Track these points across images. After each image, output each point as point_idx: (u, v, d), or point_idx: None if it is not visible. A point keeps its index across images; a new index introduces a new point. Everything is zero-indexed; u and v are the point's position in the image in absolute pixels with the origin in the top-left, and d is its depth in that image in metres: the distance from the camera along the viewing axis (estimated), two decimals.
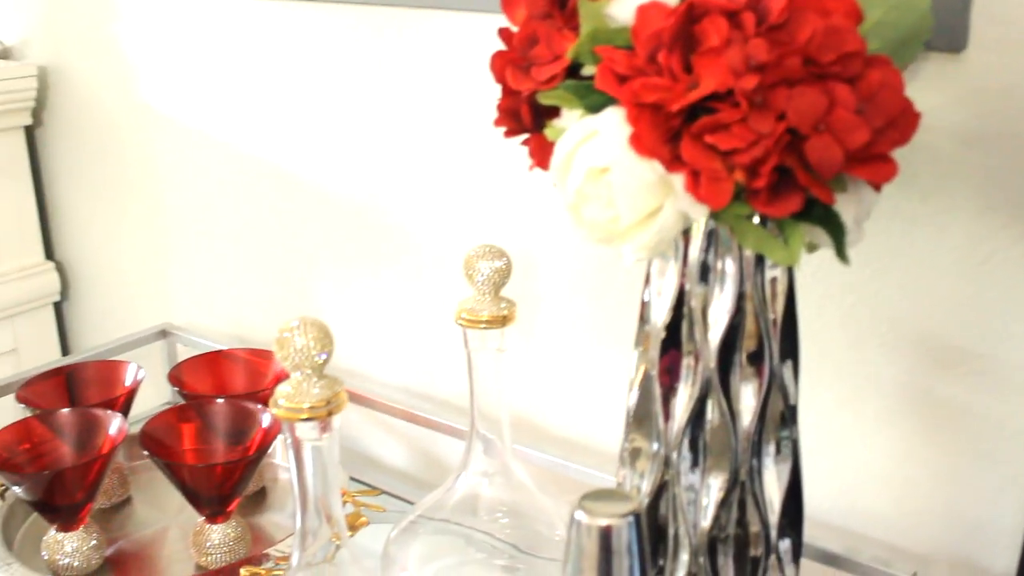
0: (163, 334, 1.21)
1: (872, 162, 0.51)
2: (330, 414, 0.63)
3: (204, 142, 1.18)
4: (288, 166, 1.11)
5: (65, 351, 1.45)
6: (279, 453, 1.06)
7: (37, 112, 1.35)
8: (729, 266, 0.58)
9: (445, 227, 0.99)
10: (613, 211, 0.53)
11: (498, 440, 0.82)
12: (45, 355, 1.36)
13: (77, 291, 1.43)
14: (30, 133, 1.37)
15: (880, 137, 0.51)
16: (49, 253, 1.42)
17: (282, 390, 0.63)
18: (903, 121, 0.51)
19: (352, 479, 1.01)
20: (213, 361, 1.04)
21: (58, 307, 1.44)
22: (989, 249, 0.70)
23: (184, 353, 1.15)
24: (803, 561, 0.75)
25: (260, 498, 1.01)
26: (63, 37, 1.31)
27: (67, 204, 1.39)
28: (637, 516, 0.52)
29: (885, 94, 0.51)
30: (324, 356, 0.63)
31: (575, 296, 0.92)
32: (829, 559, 0.76)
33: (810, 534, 0.76)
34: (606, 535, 0.52)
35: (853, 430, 0.79)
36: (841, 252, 0.53)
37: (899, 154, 0.69)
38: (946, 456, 0.76)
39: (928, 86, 0.69)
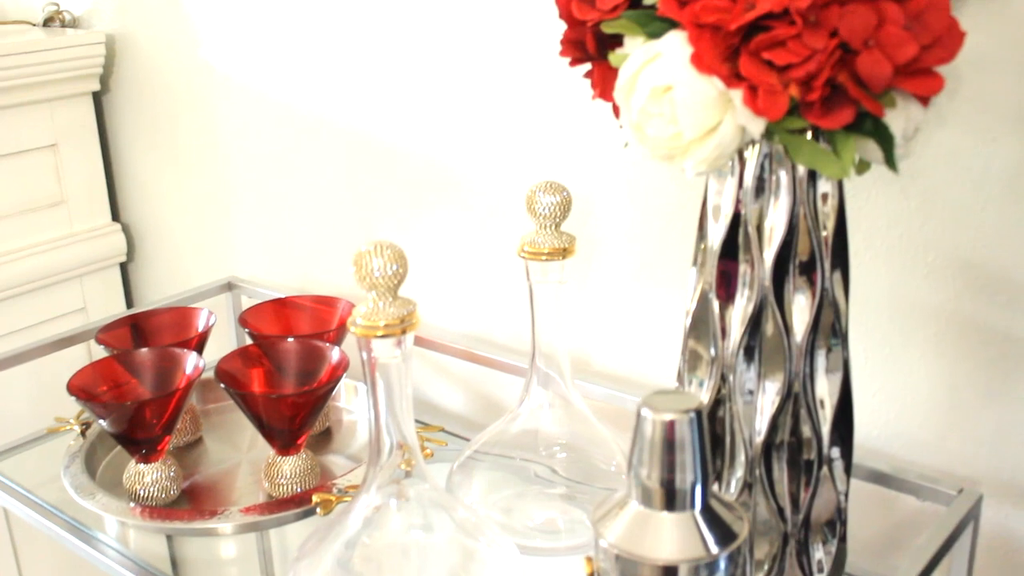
0: (228, 287, 1.26)
1: (919, 76, 0.54)
2: (404, 332, 0.68)
3: (264, 100, 1.23)
4: (346, 118, 1.15)
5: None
6: (343, 396, 1.11)
7: (104, 79, 1.41)
8: (783, 184, 0.61)
9: (504, 173, 1.03)
10: (675, 127, 0.57)
11: (557, 373, 0.86)
12: (112, 314, 1.41)
13: (142, 252, 1.49)
14: (98, 99, 1.43)
15: (927, 53, 0.54)
16: (115, 215, 1.48)
17: (359, 310, 0.68)
18: (949, 38, 0.54)
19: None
20: (279, 308, 1.08)
21: (124, 268, 1.49)
22: None
23: (249, 305, 1.20)
24: (853, 481, 0.78)
25: (326, 438, 1.06)
26: (128, 5, 1.36)
27: (133, 167, 1.45)
28: (698, 412, 0.55)
29: (932, 12, 0.54)
30: (398, 277, 0.67)
31: (632, 240, 0.95)
32: (878, 478, 0.79)
33: (859, 457, 0.80)
34: (669, 429, 0.55)
35: (901, 359, 0.82)
36: (891, 161, 0.56)
37: (944, 91, 0.73)
38: (991, 382, 0.78)
39: (970, 19, 0.72)
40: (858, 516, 0.84)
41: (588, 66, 0.66)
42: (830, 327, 0.64)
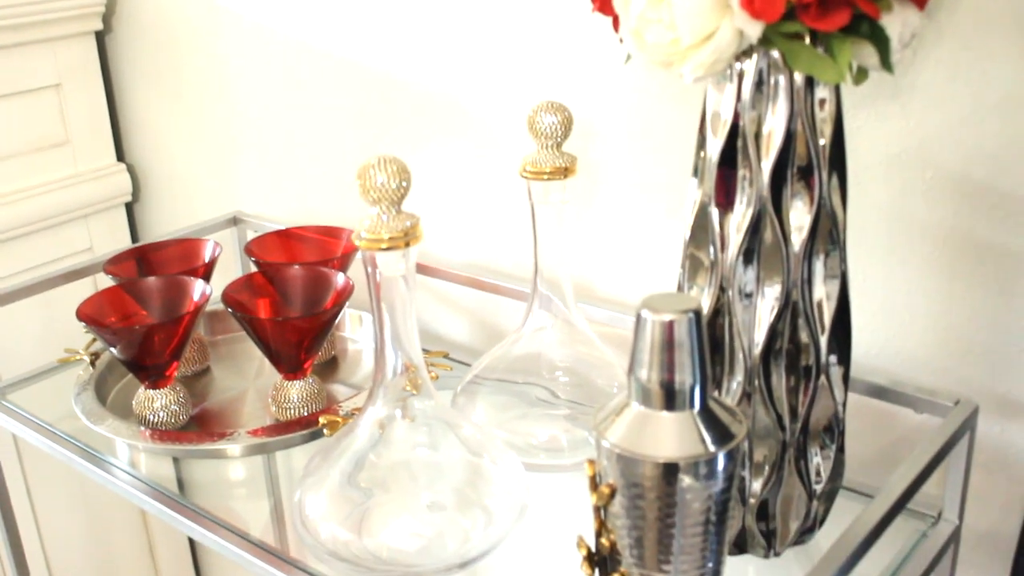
0: (234, 221, 1.27)
1: None
2: (408, 244, 0.69)
3: (267, 35, 1.23)
4: (347, 50, 1.15)
5: None
6: (348, 326, 1.12)
7: (107, 18, 1.41)
8: (781, 91, 0.62)
9: (506, 99, 1.03)
10: (674, 33, 0.58)
11: (559, 296, 0.87)
12: None
13: (147, 192, 1.49)
14: (100, 39, 1.43)
15: None
16: (120, 155, 1.48)
17: (363, 224, 0.69)
18: None
19: None
20: (284, 238, 1.10)
21: (129, 208, 1.50)
22: None
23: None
24: (852, 397, 0.80)
25: (332, 366, 1.08)
26: None
27: (137, 107, 1.45)
28: (697, 313, 0.56)
29: None
30: (402, 190, 0.68)
31: (633, 163, 0.96)
32: (876, 392, 0.80)
33: (858, 373, 0.81)
34: (669, 329, 0.56)
35: (900, 277, 0.83)
36: (887, 64, 0.57)
37: (942, 6, 0.73)
38: (988, 297, 0.79)
39: None
40: (858, 433, 0.86)
41: None
42: (828, 234, 0.65)
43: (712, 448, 0.56)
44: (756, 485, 0.70)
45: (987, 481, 0.83)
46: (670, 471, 0.56)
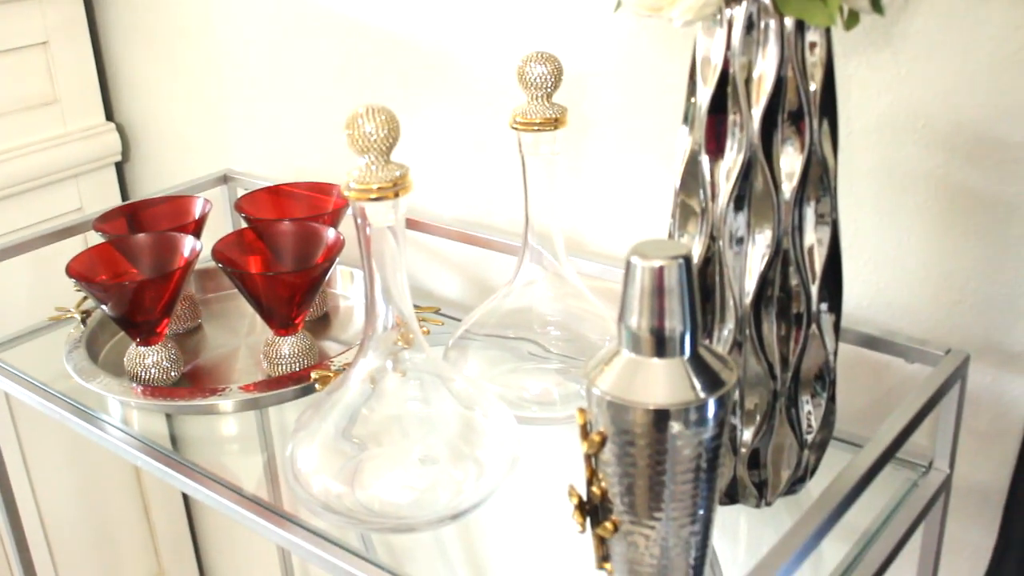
0: (224, 179, 1.26)
1: None
2: (397, 195, 0.68)
3: None
4: (338, 8, 1.14)
5: None
6: (340, 282, 1.12)
7: None
8: (771, 36, 0.61)
9: (496, 53, 1.02)
10: None
11: (550, 249, 0.87)
12: None
13: (137, 151, 1.49)
14: None
15: None
16: (109, 114, 1.47)
17: (352, 174, 0.68)
18: None
19: None
20: (275, 195, 1.09)
21: (119, 167, 1.50)
22: (1023, 38, 0.73)
23: None
24: (845, 348, 0.80)
25: (323, 323, 1.07)
26: None
27: (126, 65, 1.44)
28: (687, 259, 0.56)
29: None
30: (391, 139, 0.67)
31: (624, 116, 0.95)
32: (867, 341, 0.80)
33: (850, 324, 0.81)
34: (658, 275, 0.56)
35: (891, 227, 0.83)
36: (877, 6, 0.56)
37: None
38: (980, 246, 0.79)
39: None
40: (850, 383, 0.86)
41: None
42: (819, 181, 0.65)
43: (702, 395, 0.56)
44: (747, 434, 0.70)
45: (978, 430, 0.83)
46: (660, 418, 0.56)
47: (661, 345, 0.57)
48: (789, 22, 0.61)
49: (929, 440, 0.79)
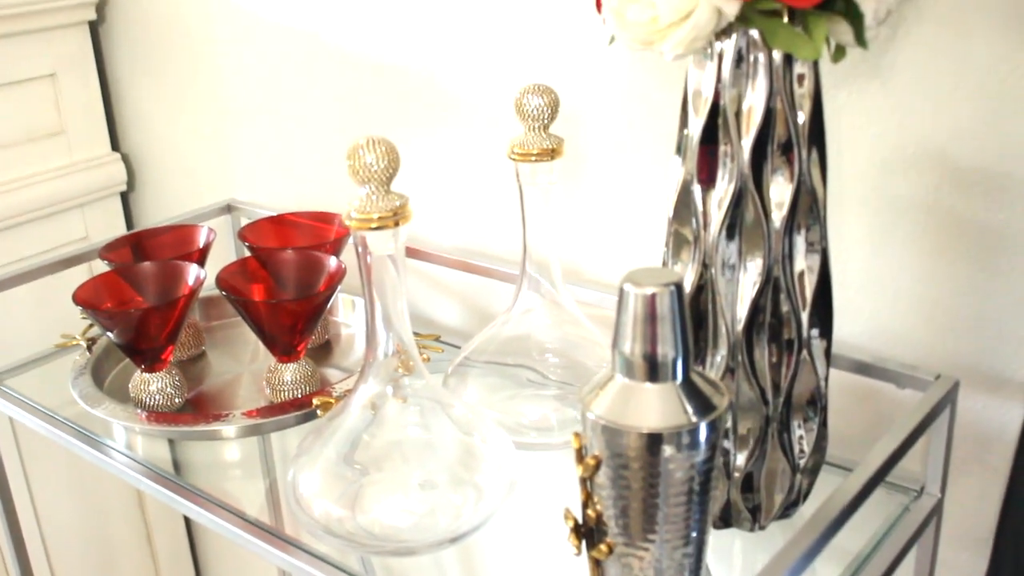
0: (228, 208, 1.28)
1: None
2: (397, 224, 0.70)
3: (258, 24, 1.24)
4: (338, 42, 1.16)
5: None
6: (341, 311, 1.14)
7: (100, 8, 1.42)
8: (760, 68, 0.63)
9: (494, 86, 1.04)
10: (653, 11, 0.59)
11: (547, 277, 0.89)
12: None
13: (142, 181, 1.51)
14: (94, 29, 1.44)
15: None
16: (115, 144, 1.49)
17: (353, 204, 0.70)
18: None
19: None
20: (278, 224, 1.11)
21: (124, 197, 1.52)
22: (1008, 69, 0.74)
23: None
24: (838, 375, 0.81)
25: (325, 350, 1.09)
26: None
27: (131, 97, 1.47)
28: (678, 286, 0.58)
29: None
30: (391, 170, 0.69)
31: (619, 143, 0.97)
32: (859, 368, 0.81)
33: (843, 350, 0.82)
34: (651, 302, 0.57)
35: (883, 255, 0.84)
36: (861, 39, 0.58)
37: None
38: (969, 273, 0.81)
39: None
40: (844, 410, 0.87)
41: None
42: (808, 209, 0.66)
43: (694, 419, 0.58)
44: (741, 458, 0.71)
45: (969, 456, 0.85)
46: (653, 441, 0.57)
47: (654, 370, 0.58)
48: (777, 55, 0.63)
49: (921, 465, 0.80)
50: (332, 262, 0.97)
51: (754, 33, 0.62)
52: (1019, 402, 0.81)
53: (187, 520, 1.65)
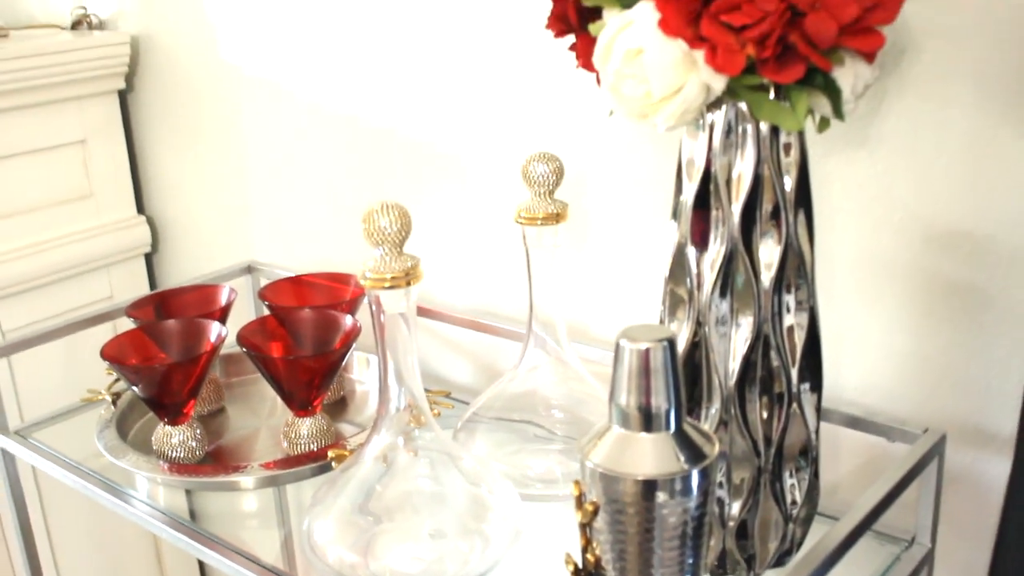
0: (248, 269, 1.33)
1: (862, 35, 0.60)
2: (409, 284, 0.74)
3: (278, 95, 1.30)
4: (356, 111, 1.22)
5: None
6: (356, 368, 1.18)
7: (129, 78, 1.48)
8: (749, 139, 0.67)
9: (501, 153, 1.09)
10: (646, 87, 0.63)
11: (553, 336, 0.93)
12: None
13: (166, 243, 1.56)
14: (123, 97, 1.50)
15: (869, 14, 0.60)
16: (140, 208, 1.55)
17: (368, 264, 0.74)
18: (889, 1, 0.61)
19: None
20: (296, 285, 1.15)
21: (148, 258, 1.57)
22: (988, 139, 0.79)
23: None
24: (831, 429, 0.85)
25: (340, 406, 1.13)
26: (152, 8, 1.44)
27: (157, 162, 1.53)
28: (671, 342, 0.62)
29: None
30: (404, 233, 0.74)
31: (620, 208, 1.02)
32: (851, 422, 0.85)
33: (835, 405, 0.86)
34: (645, 357, 0.61)
35: (874, 314, 0.88)
36: (838, 112, 0.62)
37: (904, 60, 0.79)
38: (957, 331, 0.84)
39: None
40: (838, 462, 0.91)
41: (572, 39, 0.73)
42: (796, 270, 0.70)
43: (686, 466, 0.61)
44: (735, 507, 0.75)
45: (960, 508, 0.88)
46: (648, 488, 0.61)
47: (648, 421, 0.62)
48: (764, 126, 0.67)
49: (912, 515, 0.83)
50: (348, 321, 1.01)
51: (742, 106, 0.67)
52: (1007, 456, 0.84)
53: (202, 567, 1.67)
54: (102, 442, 1.01)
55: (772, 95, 0.64)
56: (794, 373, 0.72)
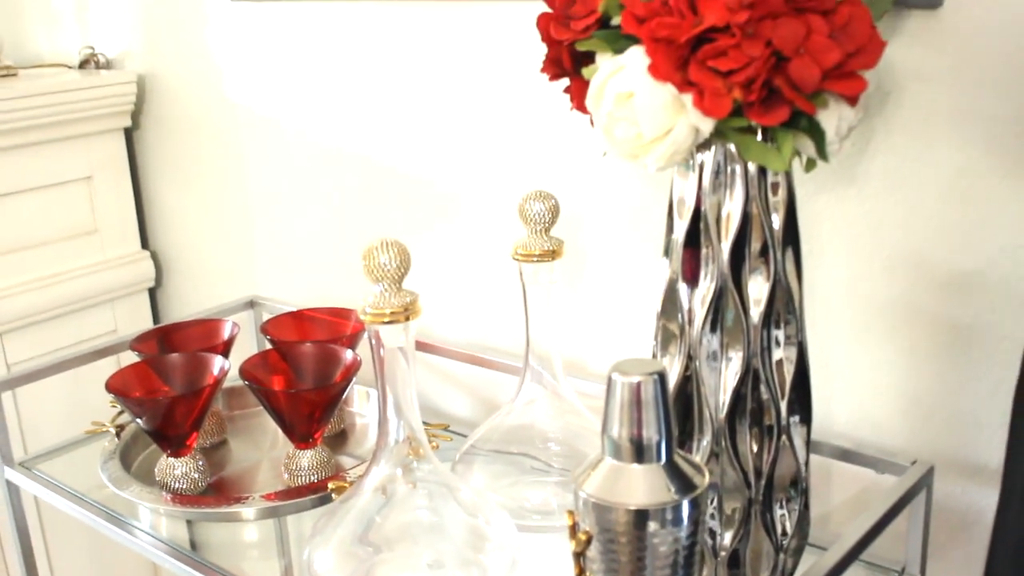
0: (251, 304, 1.35)
1: (844, 79, 0.63)
2: (408, 318, 0.76)
3: (280, 134, 1.33)
4: (356, 149, 1.25)
5: None
6: (357, 401, 1.19)
7: (135, 115, 1.51)
8: (738, 178, 0.70)
9: (498, 192, 1.12)
10: (637, 129, 0.66)
11: (549, 370, 0.94)
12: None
13: (170, 278, 1.58)
14: (129, 134, 1.53)
15: (850, 59, 0.62)
16: (145, 243, 1.57)
17: (367, 300, 0.76)
18: (871, 46, 0.63)
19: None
20: (298, 319, 1.17)
21: (152, 293, 1.59)
22: (971, 178, 0.81)
23: None
24: (822, 459, 0.86)
25: (341, 439, 1.14)
26: (157, 48, 1.47)
27: (161, 198, 1.55)
28: (661, 375, 0.63)
29: (855, 24, 0.63)
30: (403, 270, 0.76)
31: (615, 245, 1.04)
32: (841, 454, 0.87)
33: (826, 438, 0.87)
34: (636, 390, 0.63)
35: (864, 349, 0.90)
36: (822, 153, 0.65)
37: (889, 103, 0.81)
38: (944, 366, 0.86)
39: (911, 40, 0.81)
40: (830, 494, 0.92)
41: (566, 82, 0.75)
42: (785, 306, 0.72)
43: (677, 496, 0.63)
44: (727, 537, 0.76)
45: (949, 538, 0.89)
46: (640, 517, 0.63)
47: (639, 452, 0.64)
48: (752, 166, 0.69)
49: (902, 546, 0.85)
50: (348, 355, 1.03)
51: (731, 147, 0.69)
52: (994, 487, 0.86)
53: None
54: (106, 473, 1.02)
55: (760, 136, 0.67)
56: (783, 406, 0.74)
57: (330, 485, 0.95)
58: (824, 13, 0.62)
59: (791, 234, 0.72)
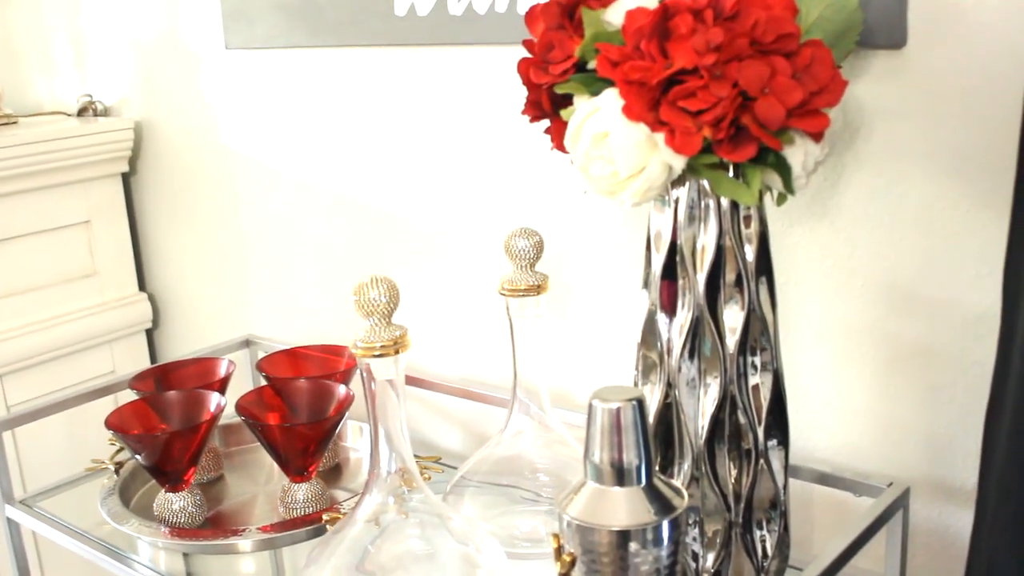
0: (247, 343, 1.38)
1: (809, 116, 0.66)
2: (397, 352, 0.79)
3: (275, 177, 1.37)
4: (347, 192, 1.28)
5: None
6: (350, 436, 1.22)
7: (132, 161, 1.55)
8: (711, 213, 0.73)
9: (485, 231, 1.15)
10: (613, 167, 0.69)
11: (536, 401, 0.97)
12: None
13: (166, 319, 1.61)
14: (126, 179, 1.57)
15: (814, 97, 0.66)
16: (142, 285, 1.61)
17: (358, 335, 0.79)
18: (833, 86, 0.67)
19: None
20: (292, 357, 1.20)
21: (150, 334, 1.62)
22: (939, 209, 0.84)
23: None
24: (799, 483, 0.89)
25: (335, 473, 1.17)
26: (154, 96, 1.51)
27: (158, 241, 1.58)
28: (640, 401, 0.66)
29: (817, 65, 0.66)
30: (392, 305, 0.79)
31: (597, 278, 1.07)
32: (819, 478, 0.89)
33: (806, 462, 0.90)
34: (616, 415, 0.66)
35: (841, 375, 0.93)
36: (789, 187, 0.68)
37: (858, 138, 0.85)
38: (918, 391, 0.89)
39: (877, 78, 0.84)
40: (809, 517, 0.95)
41: (547, 123, 0.79)
42: (760, 333, 0.75)
43: (656, 517, 0.66)
44: (709, 559, 0.79)
45: (928, 559, 0.91)
46: (621, 538, 0.65)
47: (620, 476, 0.66)
48: (725, 201, 0.73)
49: (882, 566, 0.87)
50: (341, 390, 1.05)
51: (704, 182, 0.72)
52: (970, 509, 0.88)
53: None
54: (105, 509, 1.05)
55: (731, 172, 0.70)
56: (760, 430, 0.77)
57: (324, 516, 0.98)
58: (787, 55, 0.65)
59: (764, 264, 0.75)
